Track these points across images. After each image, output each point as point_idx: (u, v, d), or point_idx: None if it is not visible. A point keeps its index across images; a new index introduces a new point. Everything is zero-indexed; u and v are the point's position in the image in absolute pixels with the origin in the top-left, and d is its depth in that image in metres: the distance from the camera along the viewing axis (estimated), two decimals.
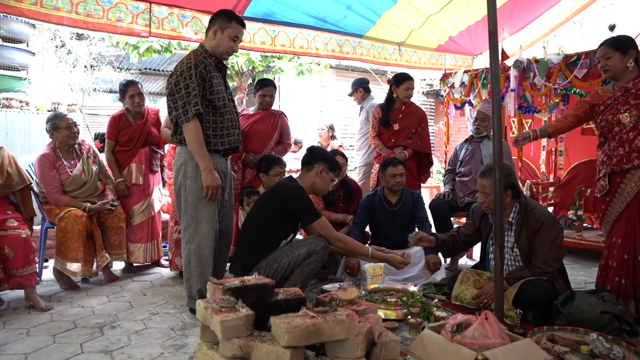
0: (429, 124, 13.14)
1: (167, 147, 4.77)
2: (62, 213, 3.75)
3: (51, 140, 3.93)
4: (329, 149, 6.01)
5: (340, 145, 6.44)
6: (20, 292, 3.41)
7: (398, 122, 4.64)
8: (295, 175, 5.52)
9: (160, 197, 4.54)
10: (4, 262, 3.23)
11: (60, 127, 3.86)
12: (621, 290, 2.97)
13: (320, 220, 3.04)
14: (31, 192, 3.75)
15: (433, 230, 4.19)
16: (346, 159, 4.47)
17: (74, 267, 3.70)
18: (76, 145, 4.01)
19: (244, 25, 3.10)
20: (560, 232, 3.00)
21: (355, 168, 5.77)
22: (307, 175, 3.22)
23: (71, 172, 3.90)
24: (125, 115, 4.21)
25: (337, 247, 3.13)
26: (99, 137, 5.40)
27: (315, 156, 3.24)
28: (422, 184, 4.95)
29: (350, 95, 5.81)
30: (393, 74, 4.89)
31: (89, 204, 3.87)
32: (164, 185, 4.65)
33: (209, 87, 2.96)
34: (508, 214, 3.09)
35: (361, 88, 5.69)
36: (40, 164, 3.81)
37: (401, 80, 4.65)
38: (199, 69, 2.91)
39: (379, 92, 11.82)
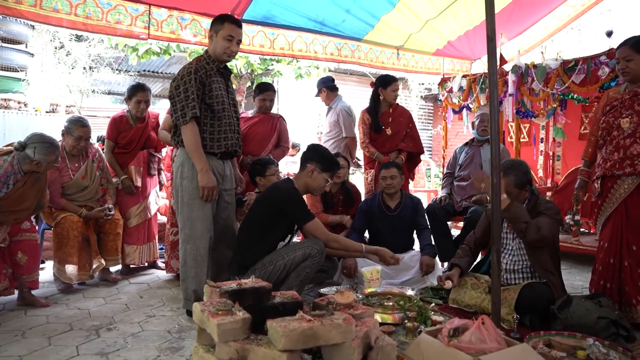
0: (427, 128, 13.24)
1: (165, 150, 4.77)
2: (59, 218, 3.73)
3: (61, 140, 3.86)
4: None
5: None
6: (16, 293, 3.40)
7: (389, 127, 4.63)
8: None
9: (157, 200, 4.54)
10: (14, 267, 3.24)
11: (72, 134, 3.81)
12: (606, 294, 2.97)
13: (313, 222, 3.03)
14: None
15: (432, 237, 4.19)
16: (348, 162, 4.47)
17: (70, 271, 3.69)
18: None
19: (239, 25, 3.12)
20: (558, 221, 3.09)
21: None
22: (300, 176, 3.19)
23: (74, 175, 3.87)
24: (126, 117, 4.20)
25: (333, 248, 3.12)
26: (100, 140, 5.40)
27: (307, 156, 3.19)
28: (411, 181, 5.02)
29: (317, 96, 5.55)
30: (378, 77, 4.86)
31: (85, 211, 3.84)
32: (160, 188, 4.65)
33: (208, 92, 3.02)
34: (521, 203, 3.16)
35: (324, 88, 5.38)
36: None
37: (388, 82, 4.63)
38: (199, 74, 2.98)
39: None
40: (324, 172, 3.15)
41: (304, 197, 4.44)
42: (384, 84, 4.63)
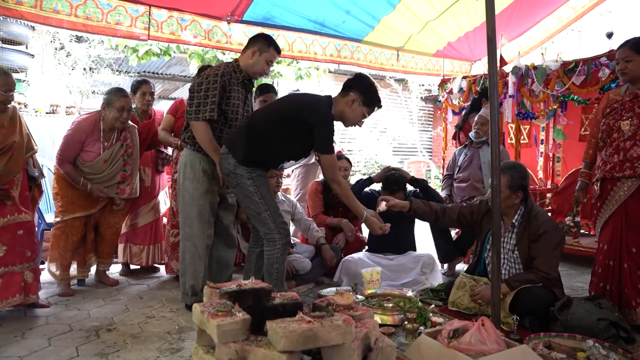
0: (427, 129, 13.25)
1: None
2: (62, 218, 3.64)
3: (98, 111, 3.68)
4: None
5: (340, 151, 6.43)
6: None
7: None
8: (289, 180, 5.47)
9: (166, 200, 4.49)
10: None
11: (113, 105, 3.59)
12: (605, 296, 2.97)
13: (330, 157, 2.87)
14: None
15: (429, 238, 4.19)
16: (350, 163, 4.48)
17: (60, 273, 3.66)
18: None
19: (279, 52, 3.25)
20: (562, 240, 3.03)
21: (291, 173, 5.44)
22: (340, 101, 2.92)
23: (102, 151, 3.64)
24: (132, 114, 4.15)
25: (334, 189, 3.03)
26: None
27: (353, 83, 2.92)
28: None
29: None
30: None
31: (90, 185, 3.60)
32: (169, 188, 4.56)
33: (226, 99, 3.11)
34: (512, 215, 3.11)
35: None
36: (75, 129, 3.58)
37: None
38: (224, 79, 3.08)
39: None
40: (365, 105, 2.90)
41: (307, 196, 4.48)
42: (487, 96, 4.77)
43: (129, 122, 3.84)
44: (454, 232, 4.47)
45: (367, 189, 4.28)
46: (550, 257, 2.93)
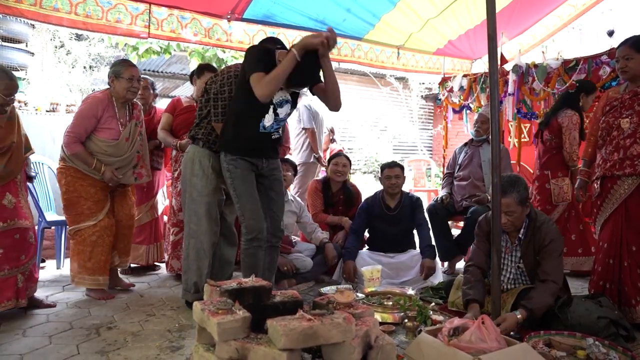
0: (428, 127, 13.23)
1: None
2: (94, 221, 3.42)
3: (107, 88, 3.49)
4: (329, 152, 6.03)
5: (341, 149, 6.43)
6: None
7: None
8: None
9: (164, 200, 4.48)
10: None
11: (122, 76, 3.38)
12: (605, 294, 2.97)
13: (258, 74, 2.70)
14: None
15: (430, 233, 4.19)
16: (350, 161, 4.48)
17: (102, 279, 3.51)
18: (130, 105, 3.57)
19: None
20: (562, 243, 2.96)
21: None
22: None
23: (122, 128, 3.44)
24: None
25: (264, 95, 2.70)
26: None
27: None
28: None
29: None
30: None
31: (104, 167, 3.38)
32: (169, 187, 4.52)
33: None
34: (519, 229, 2.94)
35: None
36: (90, 102, 3.38)
37: (593, 89, 4.13)
38: None
39: (378, 95, 11.86)
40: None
41: (306, 195, 4.47)
42: (588, 90, 4.11)
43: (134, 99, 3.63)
44: (454, 231, 4.47)
45: (365, 200, 4.27)
46: (556, 265, 2.82)
